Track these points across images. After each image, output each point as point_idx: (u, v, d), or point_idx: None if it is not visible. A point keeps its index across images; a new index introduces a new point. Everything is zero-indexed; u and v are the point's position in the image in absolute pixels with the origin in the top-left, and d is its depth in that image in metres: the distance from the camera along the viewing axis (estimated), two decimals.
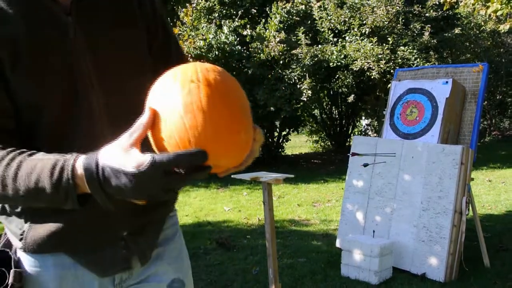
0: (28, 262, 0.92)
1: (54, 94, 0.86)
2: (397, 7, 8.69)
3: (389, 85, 5.18)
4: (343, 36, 8.99)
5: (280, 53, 8.55)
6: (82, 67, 0.89)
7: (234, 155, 0.76)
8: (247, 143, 0.77)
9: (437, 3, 8.89)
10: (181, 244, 1.12)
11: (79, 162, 0.74)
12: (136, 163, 0.68)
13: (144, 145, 0.73)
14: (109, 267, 0.96)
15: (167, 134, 0.71)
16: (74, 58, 0.88)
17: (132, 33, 0.96)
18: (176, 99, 0.71)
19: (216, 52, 8.44)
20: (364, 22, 8.70)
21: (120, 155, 0.70)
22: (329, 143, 12.11)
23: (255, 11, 9.72)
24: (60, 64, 0.87)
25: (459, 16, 10.20)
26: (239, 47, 8.59)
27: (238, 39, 8.74)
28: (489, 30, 11.55)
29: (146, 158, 0.68)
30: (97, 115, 0.91)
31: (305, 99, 8.55)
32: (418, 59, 8.33)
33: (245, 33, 8.88)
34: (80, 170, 0.73)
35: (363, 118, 12.42)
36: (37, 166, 0.76)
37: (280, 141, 10.47)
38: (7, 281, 0.88)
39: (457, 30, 9.31)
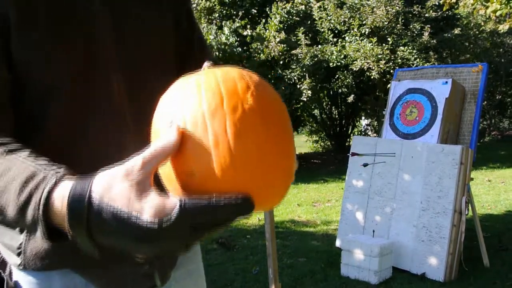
0: (29, 283, 0.74)
1: (68, 73, 0.72)
2: (397, 8, 8.70)
3: (388, 85, 5.19)
4: (343, 36, 9.00)
5: (280, 53, 8.56)
6: (105, 44, 0.75)
7: (281, 191, 0.57)
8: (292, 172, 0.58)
9: (437, 3, 8.91)
10: (199, 264, 0.99)
11: (61, 190, 0.51)
12: (156, 210, 0.47)
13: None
14: (130, 286, 0.78)
15: (194, 167, 0.50)
16: (97, 33, 0.74)
17: (159, 18, 0.84)
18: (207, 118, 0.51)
19: (217, 53, 8.44)
20: (364, 22, 8.71)
21: (130, 194, 0.48)
22: (329, 143, 12.12)
23: (255, 11, 9.73)
24: (79, 38, 0.72)
25: (459, 17, 10.21)
26: (239, 49, 8.60)
27: (238, 39, 8.76)
28: (488, 30, 11.56)
29: (171, 204, 0.47)
30: (118, 104, 0.75)
31: (305, 99, 8.56)
32: (417, 59, 8.33)
33: (245, 33, 8.89)
34: (59, 201, 0.51)
35: (363, 118, 12.43)
36: (8, 174, 0.56)
37: None
38: None
39: (456, 31, 9.32)
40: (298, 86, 8.55)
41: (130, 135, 0.75)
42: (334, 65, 8.60)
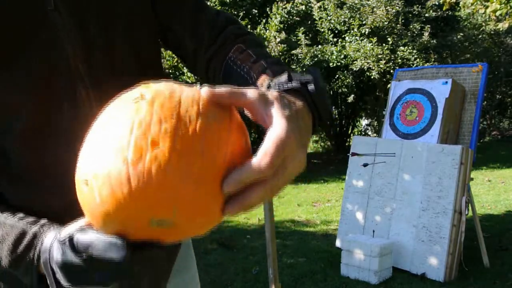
0: None
1: (25, 87, 0.64)
2: (397, 8, 8.70)
3: (388, 85, 5.19)
4: (343, 36, 9.00)
5: (280, 54, 8.56)
6: (65, 47, 0.66)
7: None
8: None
9: (437, 3, 8.91)
10: (195, 273, 0.96)
11: (46, 244, 0.57)
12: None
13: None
14: None
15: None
16: (54, 35, 0.65)
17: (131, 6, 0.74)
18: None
19: None
20: (364, 22, 8.71)
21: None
22: (329, 143, 12.12)
23: (255, 11, 9.73)
24: (35, 44, 0.64)
25: (459, 18, 10.22)
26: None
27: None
28: (488, 30, 11.56)
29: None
30: (86, 111, 0.67)
31: None
32: (417, 59, 8.34)
33: None
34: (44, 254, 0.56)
35: (363, 118, 12.43)
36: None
37: None
38: None
39: (459, 36, 9.33)
40: None
41: None
42: (334, 65, 8.61)
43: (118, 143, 0.44)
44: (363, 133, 12.52)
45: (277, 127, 0.47)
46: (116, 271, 0.49)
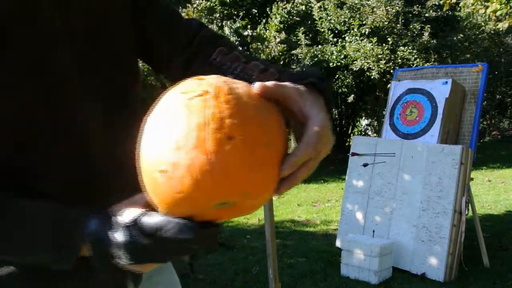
0: None
1: (21, 104, 0.62)
2: (397, 8, 8.71)
3: (389, 85, 5.19)
4: (343, 36, 9.00)
5: (280, 54, 8.57)
6: (60, 56, 0.65)
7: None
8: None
9: (437, 3, 8.91)
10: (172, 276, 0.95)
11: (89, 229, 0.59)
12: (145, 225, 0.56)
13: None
14: None
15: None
16: (48, 44, 0.64)
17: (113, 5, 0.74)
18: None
19: None
20: (364, 22, 8.71)
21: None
22: None
23: (255, 11, 9.74)
24: (28, 51, 0.62)
25: (459, 18, 10.22)
26: (240, 48, 8.61)
27: (238, 39, 8.76)
28: (488, 30, 11.56)
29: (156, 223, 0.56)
30: (82, 127, 0.67)
31: None
32: (417, 59, 8.34)
33: (245, 33, 8.90)
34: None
35: (363, 118, 12.43)
36: (37, 217, 0.60)
37: None
38: None
39: (459, 36, 9.33)
40: None
41: (99, 161, 0.71)
42: (334, 65, 8.61)
43: (197, 136, 0.49)
44: (363, 133, 12.52)
45: (318, 117, 0.56)
46: (184, 250, 0.55)
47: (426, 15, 9.09)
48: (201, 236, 0.54)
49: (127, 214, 0.57)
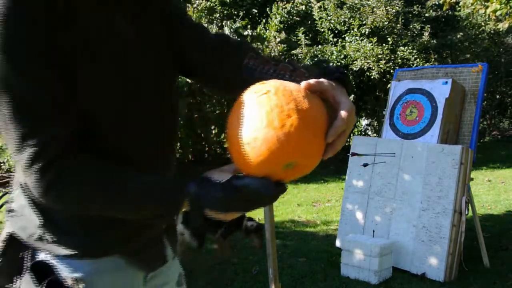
0: (84, 268, 0.88)
1: (111, 96, 0.83)
2: (397, 8, 8.71)
3: (388, 85, 5.19)
4: (343, 36, 9.00)
5: (280, 53, 8.57)
6: (136, 66, 0.88)
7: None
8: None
9: (437, 3, 8.91)
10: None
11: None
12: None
13: None
14: (155, 262, 0.99)
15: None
16: (129, 56, 0.86)
17: (159, 27, 0.95)
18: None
19: None
20: (364, 22, 8.71)
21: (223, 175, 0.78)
22: None
23: (255, 11, 9.74)
24: (113, 58, 0.84)
25: (459, 18, 10.22)
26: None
27: (238, 39, 8.77)
28: (488, 30, 11.56)
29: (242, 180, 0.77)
30: (149, 109, 0.91)
31: None
32: (417, 59, 8.34)
33: (245, 33, 8.90)
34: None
35: (363, 118, 12.42)
36: (150, 183, 0.79)
37: None
38: None
39: (459, 35, 9.33)
40: None
41: (161, 141, 0.96)
42: (334, 65, 8.61)
43: (267, 119, 0.72)
44: (363, 133, 12.51)
45: (346, 103, 0.78)
46: (263, 202, 0.76)
47: (426, 15, 9.10)
48: (275, 191, 0.74)
49: (221, 177, 0.76)
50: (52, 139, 0.74)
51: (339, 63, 8.60)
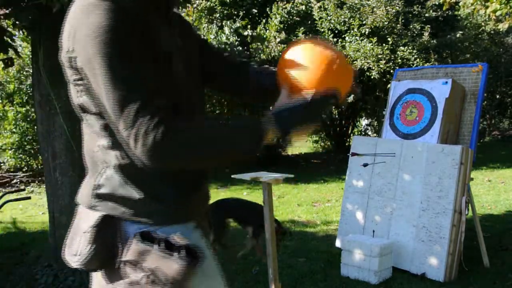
0: (183, 232, 1.06)
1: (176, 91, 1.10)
2: (397, 8, 8.71)
3: (388, 85, 5.19)
4: (343, 36, 9.00)
5: (280, 53, 8.56)
6: (184, 72, 1.15)
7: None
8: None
9: (437, 3, 8.91)
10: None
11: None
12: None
13: None
14: (207, 233, 1.23)
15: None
16: (182, 62, 1.14)
17: (193, 43, 1.27)
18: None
19: None
20: (364, 22, 8.71)
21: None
22: (329, 143, 12.11)
23: (255, 11, 9.74)
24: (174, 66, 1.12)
25: (459, 18, 10.21)
26: (240, 48, 8.62)
27: (238, 39, 8.77)
28: (488, 30, 11.56)
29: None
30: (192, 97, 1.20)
31: None
32: (417, 59, 8.34)
33: (245, 33, 8.90)
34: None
35: (363, 118, 12.42)
36: (242, 121, 1.28)
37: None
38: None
39: (458, 34, 9.32)
40: None
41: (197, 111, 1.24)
42: None
43: (327, 58, 1.18)
44: (363, 133, 12.52)
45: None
46: (327, 109, 1.15)
47: (426, 15, 9.09)
48: (335, 100, 1.12)
49: (294, 100, 1.09)
50: (159, 107, 0.95)
51: None
